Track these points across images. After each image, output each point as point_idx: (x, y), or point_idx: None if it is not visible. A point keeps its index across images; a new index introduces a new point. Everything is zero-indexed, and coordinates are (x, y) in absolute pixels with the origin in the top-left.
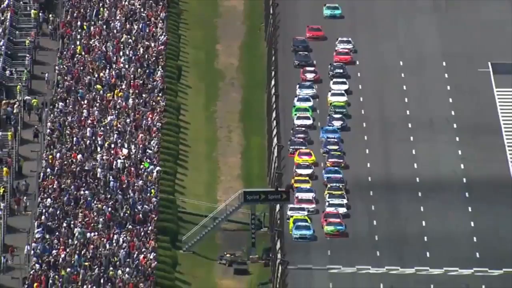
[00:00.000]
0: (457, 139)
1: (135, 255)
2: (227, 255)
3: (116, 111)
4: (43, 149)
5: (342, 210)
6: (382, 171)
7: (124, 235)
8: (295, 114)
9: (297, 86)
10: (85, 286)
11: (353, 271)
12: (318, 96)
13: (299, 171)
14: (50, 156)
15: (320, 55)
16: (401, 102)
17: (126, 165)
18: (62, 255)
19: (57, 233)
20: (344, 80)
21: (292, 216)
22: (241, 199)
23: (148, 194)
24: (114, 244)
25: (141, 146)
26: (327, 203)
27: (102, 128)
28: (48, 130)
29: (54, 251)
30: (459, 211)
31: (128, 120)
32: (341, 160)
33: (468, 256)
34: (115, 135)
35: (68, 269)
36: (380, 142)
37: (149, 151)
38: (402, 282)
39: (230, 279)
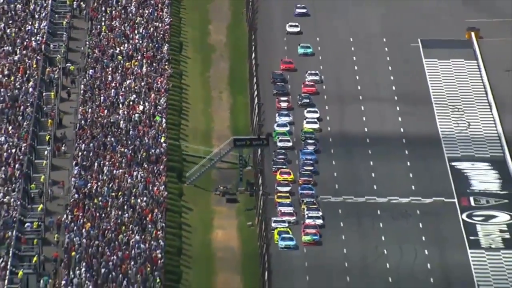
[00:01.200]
0: (396, 98)
1: (150, 188)
2: (221, 187)
3: (133, 76)
4: (78, 105)
5: (319, 221)
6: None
7: (142, 172)
8: (277, 138)
9: (277, 114)
10: (112, 211)
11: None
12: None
13: (280, 188)
14: (84, 111)
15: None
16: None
17: (142, 118)
18: (95, 187)
19: (90, 171)
20: (316, 109)
21: (276, 228)
22: (231, 145)
23: (159, 140)
24: (134, 179)
25: (153, 103)
26: (306, 216)
27: (123, 90)
28: (82, 91)
29: (88, 184)
30: (399, 157)
31: (142, 83)
32: (311, 179)
33: (406, 189)
34: (133, 95)
35: (100, 198)
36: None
37: (159, 107)
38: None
39: (223, 206)
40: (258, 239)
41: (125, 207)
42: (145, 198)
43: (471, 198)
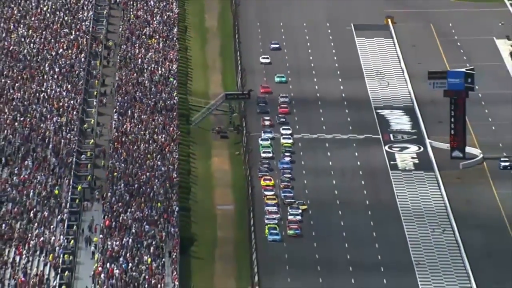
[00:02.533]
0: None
1: (167, 128)
2: (216, 128)
3: (153, 50)
4: (116, 70)
5: (298, 217)
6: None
7: (162, 117)
8: (262, 150)
9: (262, 131)
10: (141, 144)
11: None
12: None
13: (266, 193)
14: (119, 74)
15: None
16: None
17: (160, 79)
18: (129, 127)
19: (125, 116)
20: (289, 127)
21: (267, 224)
22: (223, 98)
23: (172, 95)
24: (156, 122)
25: (167, 69)
26: (289, 213)
27: (146, 59)
28: (118, 60)
29: (124, 126)
30: (341, 112)
31: (160, 55)
32: (289, 183)
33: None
34: (153, 64)
35: (132, 135)
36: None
37: (172, 72)
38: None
39: (218, 140)
40: (243, 164)
41: (150, 141)
42: (163, 135)
43: (391, 135)
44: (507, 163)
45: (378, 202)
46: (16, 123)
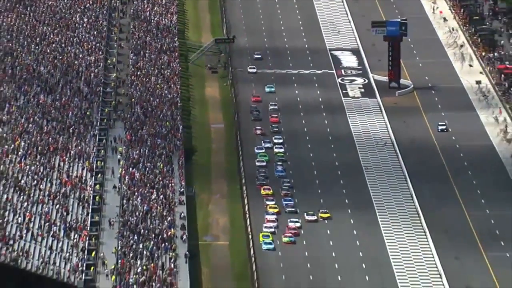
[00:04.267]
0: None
1: (171, 64)
2: (208, 65)
3: (158, 5)
4: (130, 21)
5: (298, 224)
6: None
7: (167, 56)
8: (257, 159)
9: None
10: (152, 77)
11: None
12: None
13: (268, 202)
14: (133, 24)
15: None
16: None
17: (164, 27)
18: (142, 64)
19: (139, 55)
20: (280, 136)
21: (262, 232)
22: (213, 42)
23: (174, 40)
24: (162, 60)
25: (171, 24)
26: (289, 220)
27: (153, 12)
28: (131, 12)
29: (138, 63)
30: (303, 55)
31: (163, 8)
32: (289, 192)
33: (308, 66)
34: (158, 15)
35: (144, 70)
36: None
37: (173, 22)
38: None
39: (210, 75)
40: (230, 91)
41: (158, 75)
42: (168, 70)
43: (342, 70)
44: (443, 127)
45: (336, 128)
46: (56, 61)
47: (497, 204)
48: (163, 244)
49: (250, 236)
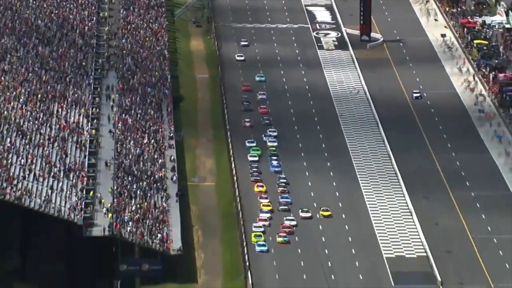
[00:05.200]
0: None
1: (159, 19)
2: (193, 19)
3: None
4: None
5: (293, 222)
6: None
7: (154, 12)
8: (249, 154)
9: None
10: (141, 31)
11: None
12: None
13: (261, 200)
14: None
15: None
16: None
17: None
18: (132, 18)
19: (129, 10)
20: (274, 129)
21: (254, 232)
22: None
23: (162, 4)
24: (150, 14)
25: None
26: (285, 218)
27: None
28: None
29: (128, 17)
30: (281, 12)
31: None
32: (286, 188)
33: (284, 20)
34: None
35: (135, 24)
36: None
37: None
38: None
39: (194, 28)
40: (213, 44)
41: (147, 28)
42: (156, 24)
43: (317, 24)
44: (417, 94)
45: (314, 83)
46: (52, 15)
47: (462, 148)
48: (155, 185)
49: (235, 178)
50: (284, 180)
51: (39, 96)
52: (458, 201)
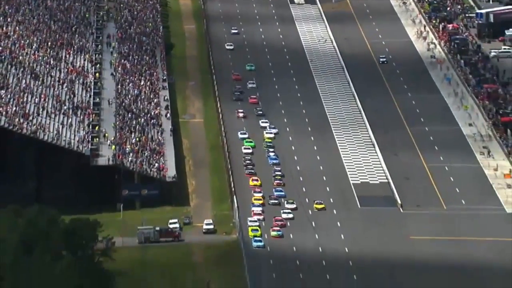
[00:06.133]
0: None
1: None
2: None
3: None
4: None
5: (290, 215)
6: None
7: None
8: (243, 146)
9: (239, 132)
10: None
11: None
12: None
13: (255, 194)
14: None
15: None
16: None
17: None
18: None
19: None
20: (267, 120)
21: (250, 226)
22: None
23: None
24: None
25: None
26: (282, 211)
27: None
28: None
29: None
30: None
31: None
32: (281, 181)
33: None
34: None
35: None
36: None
37: None
38: None
39: None
40: (199, 0)
41: None
42: None
43: None
44: (384, 59)
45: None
46: None
47: (416, 89)
48: (151, 121)
49: (220, 116)
50: (279, 173)
51: (49, 43)
52: (414, 135)
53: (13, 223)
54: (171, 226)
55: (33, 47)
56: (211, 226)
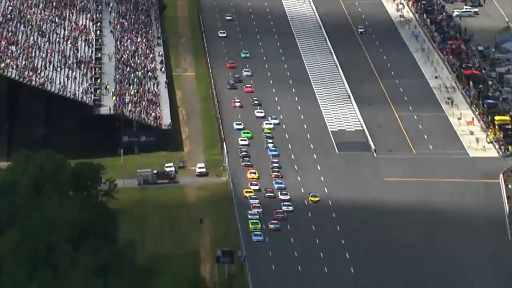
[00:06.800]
0: None
1: None
2: None
3: None
4: None
5: (290, 208)
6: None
7: None
8: (240, 137)
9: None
10: None
11: None
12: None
13: (252, 187)
14: None
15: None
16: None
17: None
18: None
19: None
20: (262, 110)
21: (250, 219)
22: None
23: None
24: None
25: None
26: (282, 204)
27: None
28: None
29: None
30: None
31: None
32: (279, 173)
33: None
34: None
35: None
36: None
37: None
38: None
39: None
40: None
41: None
42: None
43: None
44: (362, 29)
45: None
46: None
47: (387, 45)
48: (148, 74)
49: (210, 70)
50: (277, 164)
51: (54, 3)
52: (385, 86)
53: (24, 166)
54: (167, 169)
55: (40, 6)
56: (203, 169)
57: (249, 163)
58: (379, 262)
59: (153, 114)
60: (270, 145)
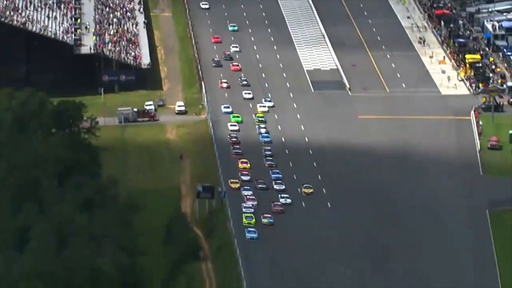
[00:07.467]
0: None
1: None
2: None
3: None
4: None
5: (288, 200)
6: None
7: None
8: (230, 122)
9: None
10: None
11: None
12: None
13: (243, 177)
14: None
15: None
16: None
17: None
18: None
19: None
20: (250, 91)
21: (244, 212)
22: None
23: None
24: None
25: None
26: (280, 196)
27: None
28: None
29: None
30: None
31: None
32: (273, 163)
33: None
34: None
35: None
36: None
37: None
38: None
39: None
40: None
41: None
42: None
43: None
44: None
45: None
46: None
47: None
48: (126, 14)
49: (187, 11)
50: (269, 153)
51: None
52: (359, 27)
53: (7, 104)
54: (147, 107)
55: None
56: (183, 108)
57: (239, 151)
58: (353, 199)
59: (133, 53)
60: (263, 131)
